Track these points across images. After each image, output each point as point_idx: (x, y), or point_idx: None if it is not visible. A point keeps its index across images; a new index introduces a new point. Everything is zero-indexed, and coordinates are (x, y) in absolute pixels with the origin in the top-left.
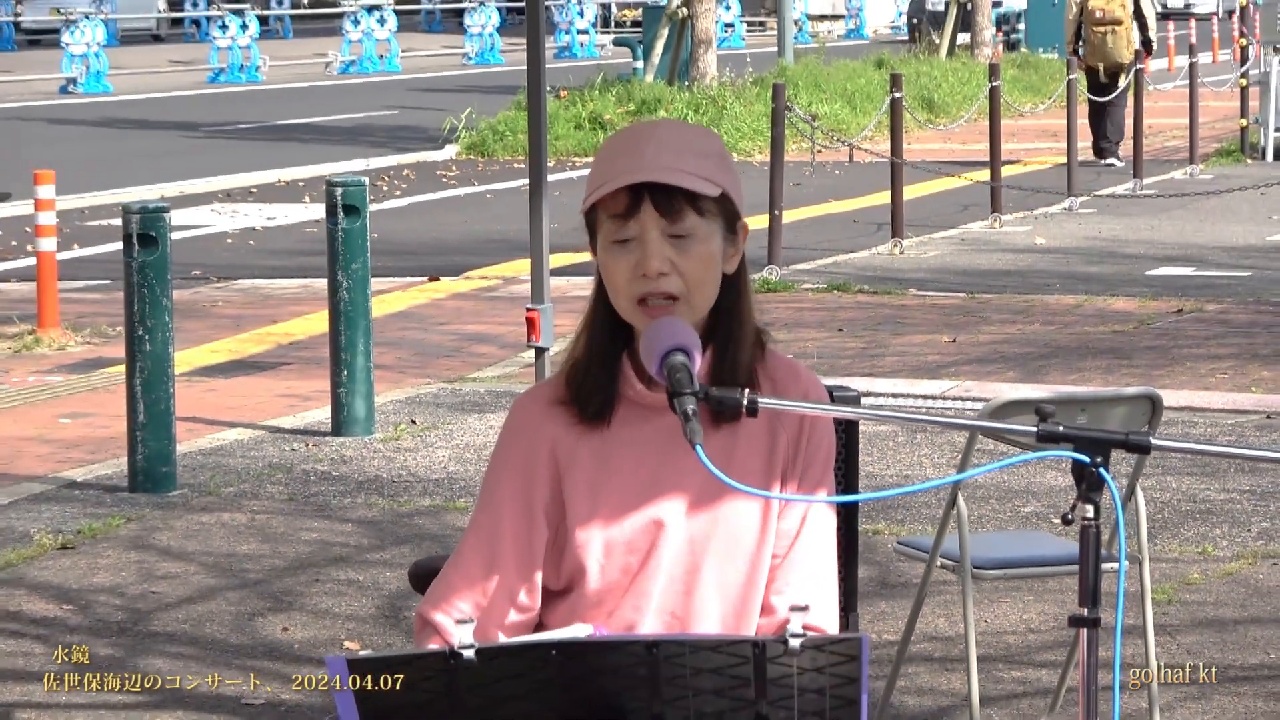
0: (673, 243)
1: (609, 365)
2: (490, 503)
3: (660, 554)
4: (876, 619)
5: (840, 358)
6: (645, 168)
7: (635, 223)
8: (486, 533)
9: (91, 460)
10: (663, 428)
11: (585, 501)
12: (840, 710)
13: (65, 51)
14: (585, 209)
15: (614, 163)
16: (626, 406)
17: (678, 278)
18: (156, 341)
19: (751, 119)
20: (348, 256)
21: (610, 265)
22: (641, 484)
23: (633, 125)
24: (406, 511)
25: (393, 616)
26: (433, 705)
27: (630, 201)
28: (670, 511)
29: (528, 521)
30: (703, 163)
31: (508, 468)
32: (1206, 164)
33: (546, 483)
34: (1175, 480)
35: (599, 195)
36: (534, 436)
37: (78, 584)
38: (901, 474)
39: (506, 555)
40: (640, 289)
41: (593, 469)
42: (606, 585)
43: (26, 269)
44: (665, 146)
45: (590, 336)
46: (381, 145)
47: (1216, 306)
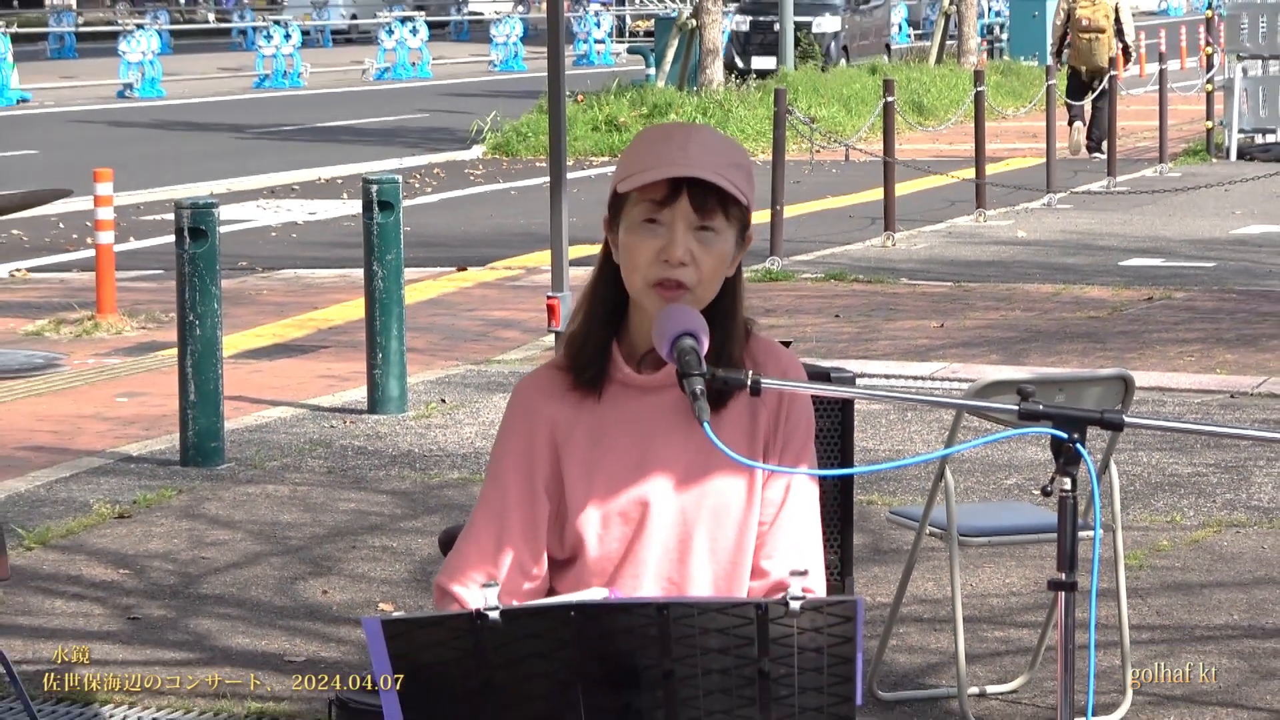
0: (697, 236)
1: (604, 342)
2: (497, 480)
3: (653, 524)
4: (870, 583)
5: (837, 341)
6: (690, 163)
7: (669, 211)
8: (495, 507)
9: (146, 436)
10: (650, 407)
11: (582, 478)
12: (837, 667)
13: (122, 59)
14: (625, 190)
15: (655, 153)
16: (617, 387)
17: (694, 269)
18: (206, 326)
19: (755, 121)
20: (382, 248)
21: (634, 244)
22: (633, 460)
23: (674, 123)
24: (436, 484)
25: (424, 580)
26: (460, 662)
27: (669, 191)
28: (661, 485)
29: (531, 497)
30: (736, 172)
31: (511, 448)
32: (1175, 163)
33: (546, 460)
34: (1146, 455)
35: (645, 180)
36: (534, 419)
37: (133, 550)
38: (893, 449)
39: (514, 528)
40: (659, 273)
41: (587, 447)
42: (606, 554)
43: (86, 260)
44: (707, 148)
45: (589, 312)
46: (414, 146)
47: (1184, 295)
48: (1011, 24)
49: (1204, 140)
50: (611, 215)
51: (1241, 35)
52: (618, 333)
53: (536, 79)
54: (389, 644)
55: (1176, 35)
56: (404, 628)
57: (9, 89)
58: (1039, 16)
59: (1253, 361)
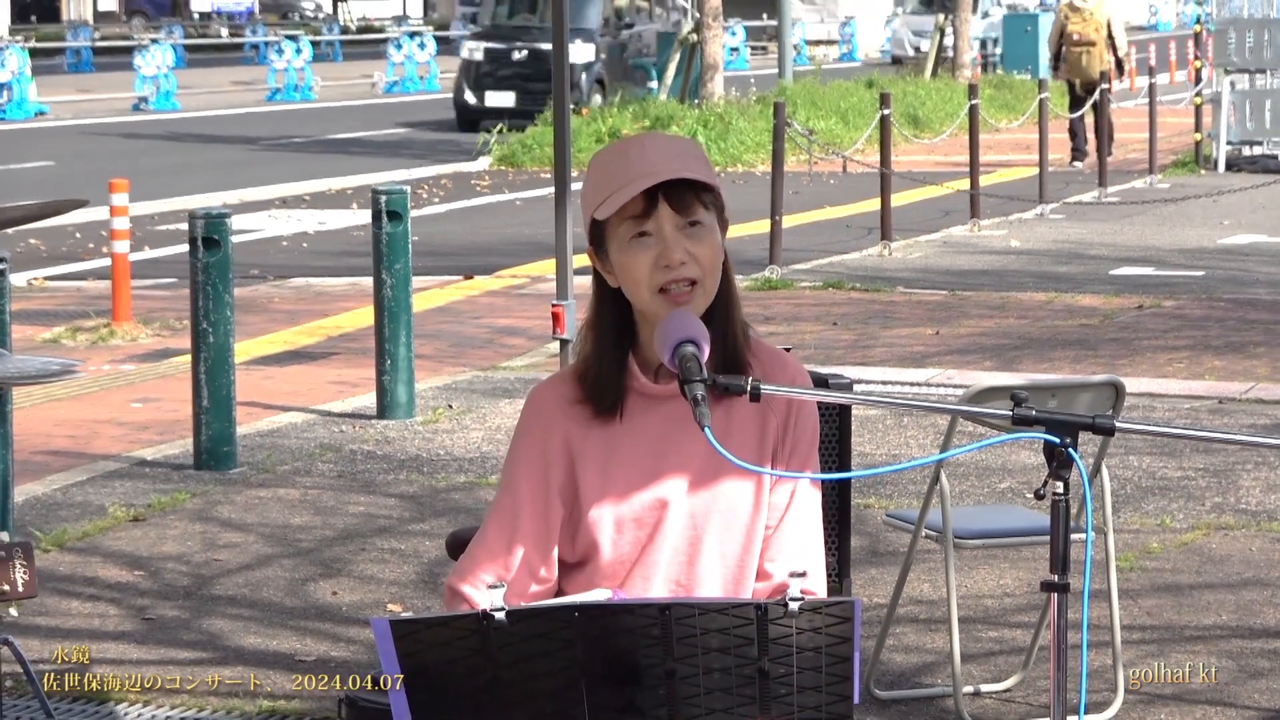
0: (687, 233)
1: (617, 363)
2: (510, 487)
3: (665, 529)
4: (867, 584)
5: (835, 348)
6: (656, 171)
7: (652, 220)
8: (507, 514)
9: (160, 441)
10: (665, 415)
11: (596, 484)
12: (835, 666)
13: (138, 73)
14: (604, 216)
15: (616, 172)
16: (633, 398)
17: (695, 264)
18: (219, 334)
19: (755, 134)
20: (391, 257)
21: (630, 261)
22: (647, 467)
23: (616, 142)
24: (443, 487)
25: (431, 582)
26: (467, 662)
27: (646, 203)
28: (673, 490)
29: (544, 503)
30: (698, 163)
31: (524, 456)
32: (1164, 174)
33: (561, 468)
34: (1137, 459)
35: (620, 201)
36: (548, 427)
37: (148, 552)
38: (890, 453)
39: (525, 534)
40: (662, 279)
41: (602, 454)
42: (618, 558)
43: (102, 269)
44: (665, 152)
45: (597, 337)
46: (422, 157)
47: (1173, 303)
48: (1005, 38)
49: (1193, 152)
50: (595, 244)
51: (1229, 50)
52: (634, 344)
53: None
54: (397, 644)
55: (1166, 50)
56: (412, 628)
57: (27, 102)
58: (1031, 31)
59: (1240, 368)
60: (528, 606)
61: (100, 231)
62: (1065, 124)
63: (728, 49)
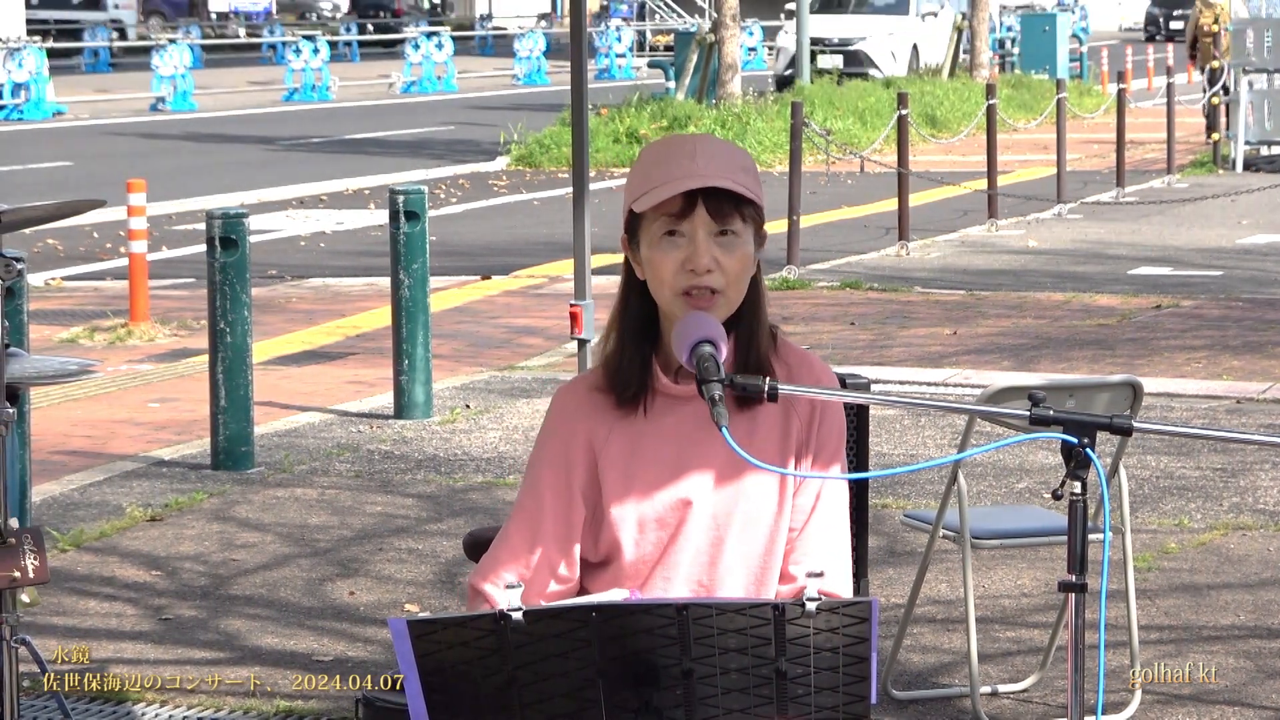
0: (718, 241)
1: (641, 358)
2: (533, 487)
3: (688, 529)
4: (885, 584)
5: (852, 348)
6: (700, 174)
7: (687, 222)
8: (529, 514)
9: (178, 440)
10: (688, 415)
11: (620, 484)
12: (852, 667)
13: (155, 73)
14: (641, 209)
15: (663, 169)
16: (656, 398)
17: (720, 274)
18: (236, 334)
19: (772, 134)
20: (409, 257)
21: (658, 258)
22: (670, 467)
23: (672, 136)
24: (461, 487)
25: (449, 582)
26: (484, 661)
27: (685, 204)
28: (696, 491)
29: (567, 503)
30: (745, 175)
31: (548, 456)
32: (1182, 174)
33: (584, 468)
34: (1154, 459)
35: (660, 197)
36: (572, 428)
37: (165, 552)
38: (908, 453)
39: (547, 533)
40: (686, 282)
41: (626, 454)
42: (641, 558)
43: (120, 269)
44: (714, 157)
45: (621, 332)
46: (440, 157)
47: (1191, 303)
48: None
49: (1211, 152)
50: (629, 234)
51: (1247, 50)
52: (656, 345)
53: (559, 92)
54: (414, 644)
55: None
56: (429, 628)
57: (45, 102)
58: (1049, 31)
59: (1259, 368)
60: (545, 607)
61: (118, 231)
62: (1082, 123)
63: (745, 49)
